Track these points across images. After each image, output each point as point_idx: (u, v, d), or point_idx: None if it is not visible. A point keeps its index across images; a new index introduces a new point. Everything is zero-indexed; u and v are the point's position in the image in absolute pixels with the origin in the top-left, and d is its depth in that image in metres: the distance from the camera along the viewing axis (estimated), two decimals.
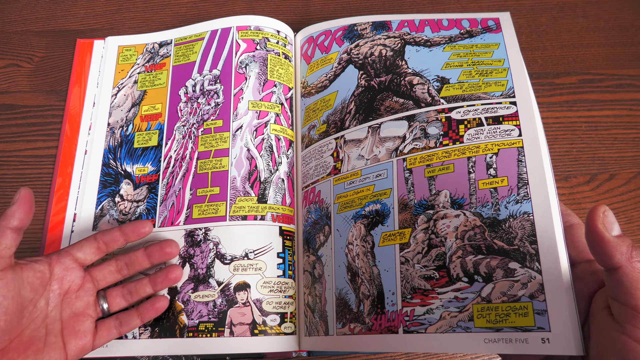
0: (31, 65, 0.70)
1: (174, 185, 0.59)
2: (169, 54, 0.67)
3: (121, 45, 0.69)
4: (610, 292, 0.36)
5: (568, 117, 0.71)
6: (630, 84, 0.72)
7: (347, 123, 0.58)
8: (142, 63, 0.67)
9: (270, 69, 0.63)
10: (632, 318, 0.33)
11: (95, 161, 0.62)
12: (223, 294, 0.54)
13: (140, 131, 0.63)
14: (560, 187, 0.66)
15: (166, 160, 0.61)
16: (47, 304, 0.47)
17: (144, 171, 0.61)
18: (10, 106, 0.67)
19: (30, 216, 0.45)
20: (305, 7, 0.77)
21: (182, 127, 0.62)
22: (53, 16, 0.73)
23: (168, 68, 0.66)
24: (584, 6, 0.78)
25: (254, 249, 0.55)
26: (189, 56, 0.66)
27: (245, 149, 0.59)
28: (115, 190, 0.61)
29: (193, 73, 0.65)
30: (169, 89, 0.65)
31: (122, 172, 0.62)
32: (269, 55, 0.64)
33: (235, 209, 0.56)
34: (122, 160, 0.62)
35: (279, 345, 0.53)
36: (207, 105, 0.62)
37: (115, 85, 0.67)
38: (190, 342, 0.53)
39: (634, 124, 0.70)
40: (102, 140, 0.63)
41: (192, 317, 0.54)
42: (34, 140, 0.65)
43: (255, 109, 0.61)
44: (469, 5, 0.77)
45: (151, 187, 0.60)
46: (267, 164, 0.59)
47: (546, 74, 0.73)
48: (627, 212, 0.66)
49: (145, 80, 0.66)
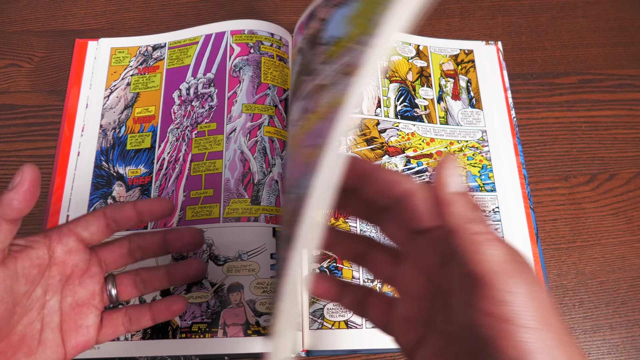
0: (31, 65, 0.70)
1: (167, 187, 0.60)
2: (163, 57, 0.67)
3: (114, 47, 0.69)
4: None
5: (568, 117, 0.70)
6: (630, 84, 0.72)
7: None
8: (135, 65, 0.68)
9: (264, 71, 0.63)
10: (474, 288, 0.27)
11: (87, 163, 0.63)
12: (216, 295, 0.54)
13: (133, 133, 0.64)
14: (560, 187, 0.66)
15: (159, 163, 0.61)
16: (44, 293, 0.39)
17: (136, 173, 0.61)
18: (10, 106, 0.67)
19: (32, 203, 0.36)
20: (305, 7, 0.76)
21: (175, 130, 0.62)
22: (53, 16, 0.73)
23: (162, 71, 0.66)
24: (584, 6, 0.77)
25: (247, 250, 0.55)
26: (183, 59, 0.66)
27: (239, 151, 0.59)
28: (107, 192, 0.61)
29: (187, 76, 0.65)
30: (162, 92, 0.65)
31: (115, 174, 0.62)
32: (262, 59, 0.64)
33: (229, 211, 0.57)
34: (115, 162, 0.62)
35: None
36: (200, 108, 0.62)
37: (108, 87, 0.67)
38: (183, 343, 0.53)
39: (634, 124, 0.70)
40: (95, 142, 0.64)
41: (185, 317, 0.54)
42: (34, 140, 0.66)
43: (249, 112, 0.61)
44: (469, 5, 0.77)
45: (144, 189, 0.61)
46: (261, 166, 0.59)
47: (546, 74, 0.73)
48: (627, 212, 0.65)
49: (139, 83, 0.66)
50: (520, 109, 0.70)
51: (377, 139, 0.62)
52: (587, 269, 0.62)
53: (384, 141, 0.62)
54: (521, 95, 0.71)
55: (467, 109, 0.67)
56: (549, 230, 0.64)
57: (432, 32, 0.74)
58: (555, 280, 0.62)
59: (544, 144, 0.69)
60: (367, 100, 0.64)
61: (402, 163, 0.61)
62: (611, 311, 0.61)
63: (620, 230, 0.64)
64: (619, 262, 0.63)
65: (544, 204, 0.65)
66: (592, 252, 0.63)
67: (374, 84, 0.65)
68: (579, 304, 0.61)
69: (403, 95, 0.65)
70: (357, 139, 0.61)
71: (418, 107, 0.65)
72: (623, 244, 0.64)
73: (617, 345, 0.59)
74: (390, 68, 0.67)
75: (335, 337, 0.53)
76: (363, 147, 0.61)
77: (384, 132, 0.62)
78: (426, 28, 0.75)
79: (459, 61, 0.70)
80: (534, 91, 0.71)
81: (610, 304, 0.61)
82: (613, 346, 0.59)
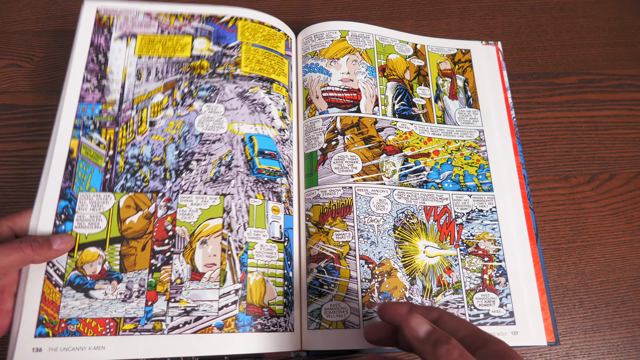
0: (31, 65, 0.70)
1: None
2: None
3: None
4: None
5: (568, 117, 0.70)
6: (630, 84, 0.72)
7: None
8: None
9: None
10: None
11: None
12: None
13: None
14: (560, 187, 0.66)
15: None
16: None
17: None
18: (10, 106, 0.68)
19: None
20: (305, 7, 0.77)
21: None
22: (53, 16, 0.74)
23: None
24: (584, 6, 0.77)
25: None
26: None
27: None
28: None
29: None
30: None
31: None
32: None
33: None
34: None
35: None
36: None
37: None
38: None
39: (634, 124, 0.70)
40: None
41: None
42: (34, 140, 0.66)
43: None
44: (469, 5, 0.77)
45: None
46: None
47: (546, 74, 0.73)
48: (627, 212, 0.65)
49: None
50: (520, 109, 0.70)
51: (374, 137, 0.62)
52: (587, 269, 0.62)
53: (382, 140, 0.62)
54: (521, 95, 0.71)
55: (464, 108, 0.67)
56: (549, 230, 0.64)
57: (432, 32, 0.74)
58: (555, 280, 0.61)
59: (544, 144, 0.68)
60: (365, 99, 0.63)
61: (399, 162, 0.61)
62: (611, 311, 0.60)
63: (620, 230, 0.64)
64: (619, 262, 0.63)
65: (544, 204, 0.65)
66: (592, 252, 0.63)
67: (372, 82, 0.65)
68: (579, 304, 0.61)
69: (401, 94, 0.65)
70: (355, 138, 0.61)
71: (416, 106, 0.65)
72: (623, 244, 0.63)
73: (617, 345, 0.59)
74: (388, 66, 0.67)
75: (334, 337, 0.53)
76: (361, 145, 0.61)
77: (381, 130, 0.62)
78: (426, 28, 0.75)
79: (456, 60, 0.70)
80: (534, 91, 0.71)
81: (610, 304, 0.61)
82: (613, 346, 0.59)
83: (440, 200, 0.61)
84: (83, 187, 0.55)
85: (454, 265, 0.58)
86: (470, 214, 0.61)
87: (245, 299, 0.53)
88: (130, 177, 0.56)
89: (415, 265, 0.57)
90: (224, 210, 0.55)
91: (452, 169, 0.63)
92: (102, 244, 0.53)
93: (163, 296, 0.52)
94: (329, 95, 0.63)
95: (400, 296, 0.55)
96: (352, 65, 0.65)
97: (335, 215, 0.57)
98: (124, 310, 0.51)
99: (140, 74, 0.61)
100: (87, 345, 0.49)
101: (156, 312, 0.51)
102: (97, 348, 0.49)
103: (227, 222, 0.55)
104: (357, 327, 0.53)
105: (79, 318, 0.50)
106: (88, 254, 0.52)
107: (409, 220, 0.59)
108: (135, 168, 0.56)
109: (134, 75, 0.61)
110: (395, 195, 0.59)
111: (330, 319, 0.54)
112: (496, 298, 0.57)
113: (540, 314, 0.57)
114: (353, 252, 0.56)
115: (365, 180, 0.59)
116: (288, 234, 0.58)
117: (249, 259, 0.54)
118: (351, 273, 0.55)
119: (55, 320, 0.49)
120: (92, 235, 0.53)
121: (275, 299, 0.54)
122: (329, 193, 0.58)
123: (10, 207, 0.62)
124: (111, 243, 0.53)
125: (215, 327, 0.51)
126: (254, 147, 0.59)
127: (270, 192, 0.58)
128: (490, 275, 0.58)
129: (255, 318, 0.52)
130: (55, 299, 0.50)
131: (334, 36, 0.66)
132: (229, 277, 0.53)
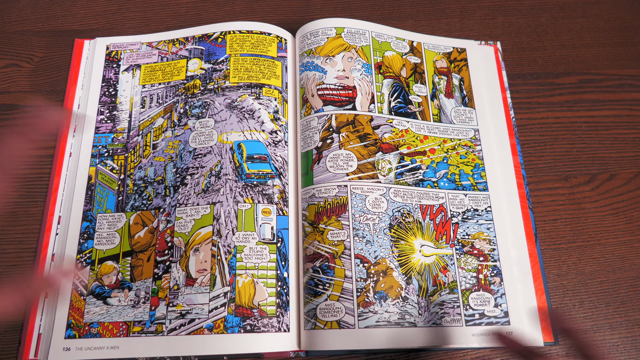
0: (31, 65, 0.70)
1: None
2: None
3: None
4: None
5: (568, 117, 0.70)
6: (630, 84, 0.71)
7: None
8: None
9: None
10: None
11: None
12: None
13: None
14: (560, 187, 0.66)
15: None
16: None
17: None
18: (10, 106, 0.68)
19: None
20: (305, 7, 0.77)
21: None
22: (53, 16, 0.74)
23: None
24: (584, 6, 0.77)
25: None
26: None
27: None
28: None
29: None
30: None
31: None
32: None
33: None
34: None
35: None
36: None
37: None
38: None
39: (634, 124, 0.69)
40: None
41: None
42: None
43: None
44: (469, 5, 0.77)
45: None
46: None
47: (546, 74, 0.72)
48: (627, 212, 0.65)
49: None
50: (520, 109, 0.70)
51: (370, 135, 0.61)
52: (587, 269, 0.62)
53: (378, 137, 0.61)
54: (521, 95, 0.71)
55: (459, 107, 0.67)
56: (549, 230, 0.63)
57: (431, 31, 0.74)
58: (555, 280, 0.61)
59: (544, 144, 0.68)
60: (361, 96, 0.63)
61: (395, 160, 0.61)
62: (611, 311, 0.60)
63: (620, 230, 0.64)
64: (619, 262, 0.62)
65: (544, 204, 0.65)
66: (592, 252, 0.62)
67: (368, 80, 0.64)
68: (579, 304, 0.60)
69: (397, 92, 0.65)
70: (350, 136, 0.61)
71: (412, 104, 0.65)
72: (623, 244, 0.63)
73: (617, 345, 0.58)
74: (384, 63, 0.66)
75: (329, 337, 0.53)
76: (356, 143, 0.60)
77: (377, 128, 0.62)
78: (426, 28, 0.75)
79: (452, 59, 0.69)
80: (534, 91, 0.71)
81: (610, 304, 0.60)
82: (613, 346, 0.58)
83: (436, 199, 0.60)
84: (101, 209, 0.61)
85: (450, 264, 0.58)
86: (466, 213, 0.60)
87: (234, 300, 0.55)
88: (138, 197, 0.61)
89: (411, 264, 0.57)
90: (213, 218, 0.58)
91: (448, 168, 0.62)
92: (117, 258, 0.58)
93: (163, 301, 0.56)
94: (324, 93, 0.63)
95: (395, 295, 0.55)
96: (348, 63, 0.65)
97: (330, 214, 0.57)
98: (134, 315, 0.56)
99: (144, 102, 0.66)
100: (105, 345, 0.55)
101: (158, 315, 0.55)
102: (113, 347, 0.54)
103: (217, 228, 0.57)
104: (351, 327, 0.53)
105: (99, 322, 0.55)
106: (106, 266, 0.58)
107: (405, 219, 0.58)
108: (142, 189, 0.62)
109: (139, 104, 0.66)
110: (391, 194, 0.59)
111: (325, 319, 0.54)
112: (491, 298, 0.57)
113: (537, 314, 0.57)
114: (348, 251, 0.56)
115: (361, 178, 0.59)
116: (282, 234, 0.58)
117: (237, 262, 0.56)
118: (346, 272, 0.55)
119: (81, 324, 0.55)
120: (108, 250, 0.59)
121: (266, 299, 0.55)
122: (324, 192, 0.58)
123: (9, 206, 0.62)
124: (123, 256, 0.59)
125: (205, 328, 0.54)
126: (242, 153, 0.61)
127: (260, 195, 0.59)
128: (485, 275, 0.58)
129: (245, 319, 0.54)
130: (80, 306, 0.56)
131: (329, 33, 0.66)
132: (218, 280, 0.56)
